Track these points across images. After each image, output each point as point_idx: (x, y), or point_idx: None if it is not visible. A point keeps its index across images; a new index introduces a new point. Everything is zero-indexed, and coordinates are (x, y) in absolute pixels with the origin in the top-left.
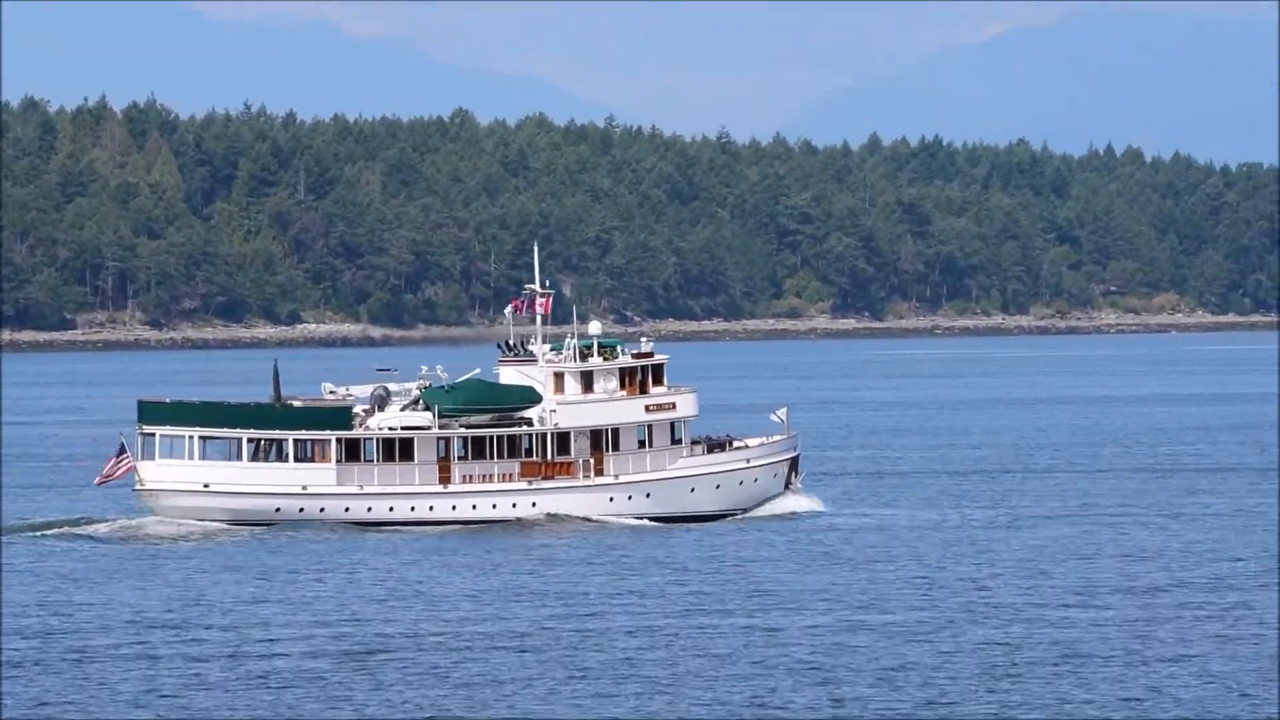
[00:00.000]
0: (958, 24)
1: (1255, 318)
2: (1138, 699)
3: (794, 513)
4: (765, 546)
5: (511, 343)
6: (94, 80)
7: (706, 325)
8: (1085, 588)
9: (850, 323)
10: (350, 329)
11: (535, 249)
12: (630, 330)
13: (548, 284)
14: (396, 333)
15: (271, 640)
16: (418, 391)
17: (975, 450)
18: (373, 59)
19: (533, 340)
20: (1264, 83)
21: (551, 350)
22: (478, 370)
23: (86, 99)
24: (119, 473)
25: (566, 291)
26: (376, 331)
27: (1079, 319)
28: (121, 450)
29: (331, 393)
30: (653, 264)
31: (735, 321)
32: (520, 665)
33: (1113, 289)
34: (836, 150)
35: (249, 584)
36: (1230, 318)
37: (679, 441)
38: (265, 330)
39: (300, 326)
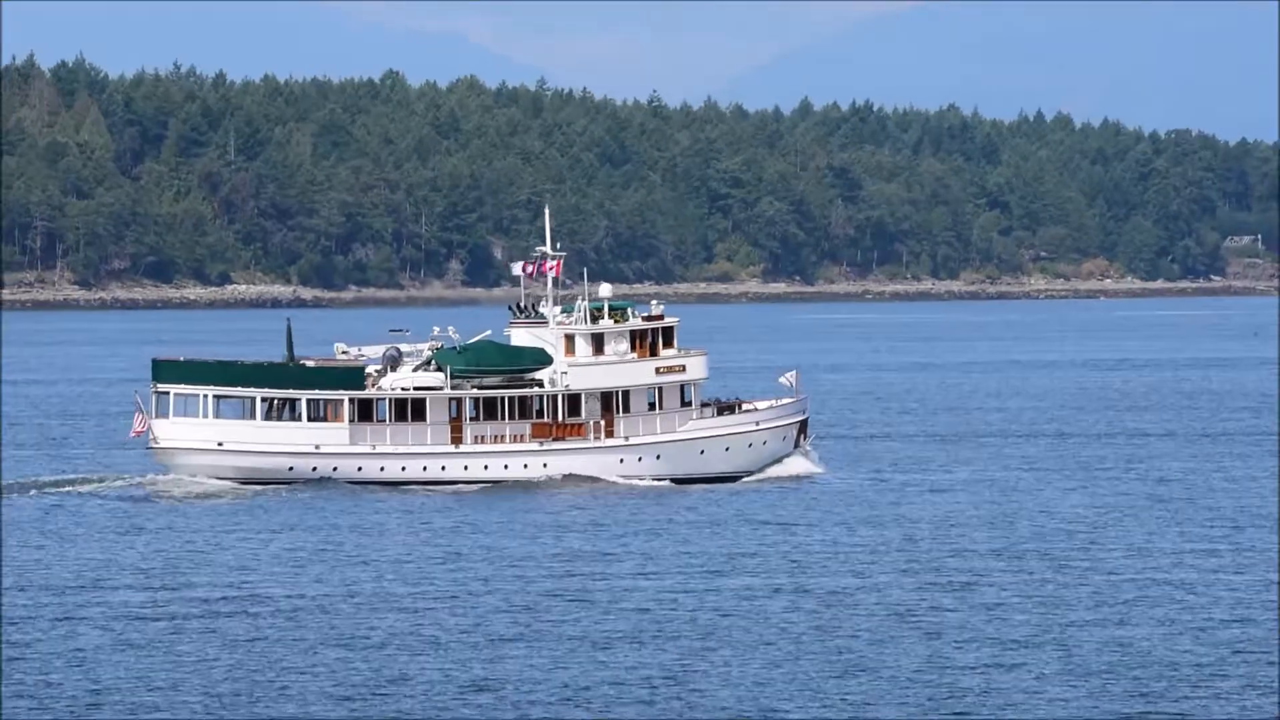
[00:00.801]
0: None
1: (1184, 284)
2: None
3: (801, 475)
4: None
5: (523, 304)
6: (22, 39)
7: (638, 289)
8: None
9: (781, 287)
10: (280, 290)
11: (547, 214)
12: (563, 293)
13: (557, 246)
14: (327, 294)
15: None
16: (429, 352)
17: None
18: (302, 18)
19: (544, 302)
20: (1191, 49)
21: (562, 312)
22: (489, 332)
23: (14, 58)
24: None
25: (497, 254)
26: (307, 293)
27: (1009, 284)
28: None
29: (344, 353)
30: (584, 227)
31: (667, 285)
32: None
33: (1043, 255)
34: (768, 115)
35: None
36: (1159, 284)
37: (689, 404)
38: (195, 291)
39: (230, 288)
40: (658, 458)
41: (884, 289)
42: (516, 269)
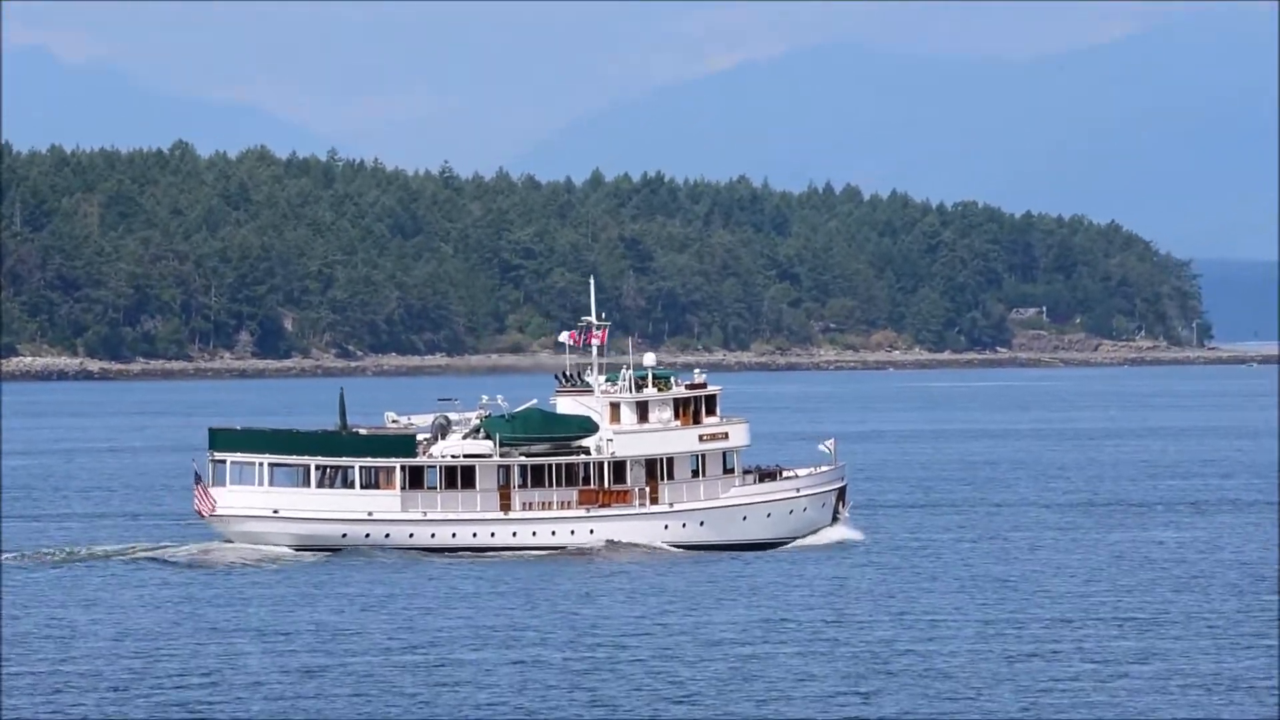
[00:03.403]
0: (685, 58)
1: (971, 355)
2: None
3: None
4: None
5: (569, 373)
6: None
7: (430, 360)
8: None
9: (573, 358)
10: (67, 362)
11: (592, 284)
12: (353, 365)
13: (603, 316)
14: (115, 366)
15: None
16: (478, 420)
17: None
18: (88, 87)
19: (589, 371)
20: (981, 121)
21: (607, 381)
22: (534, 400)
23: None
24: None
25: (288, 325)
26: (94, 365)
27: (799, 355)
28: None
29: (394, 421)
30: (375, 298)
31: (458, 356)
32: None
33: (831, 326)
34: (559, 185)
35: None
36: (947, 355)
37: (731, 470)
38: None
39: (15, 360)
40: (701, 524)
41: (675, 360)
42: (563, 337)
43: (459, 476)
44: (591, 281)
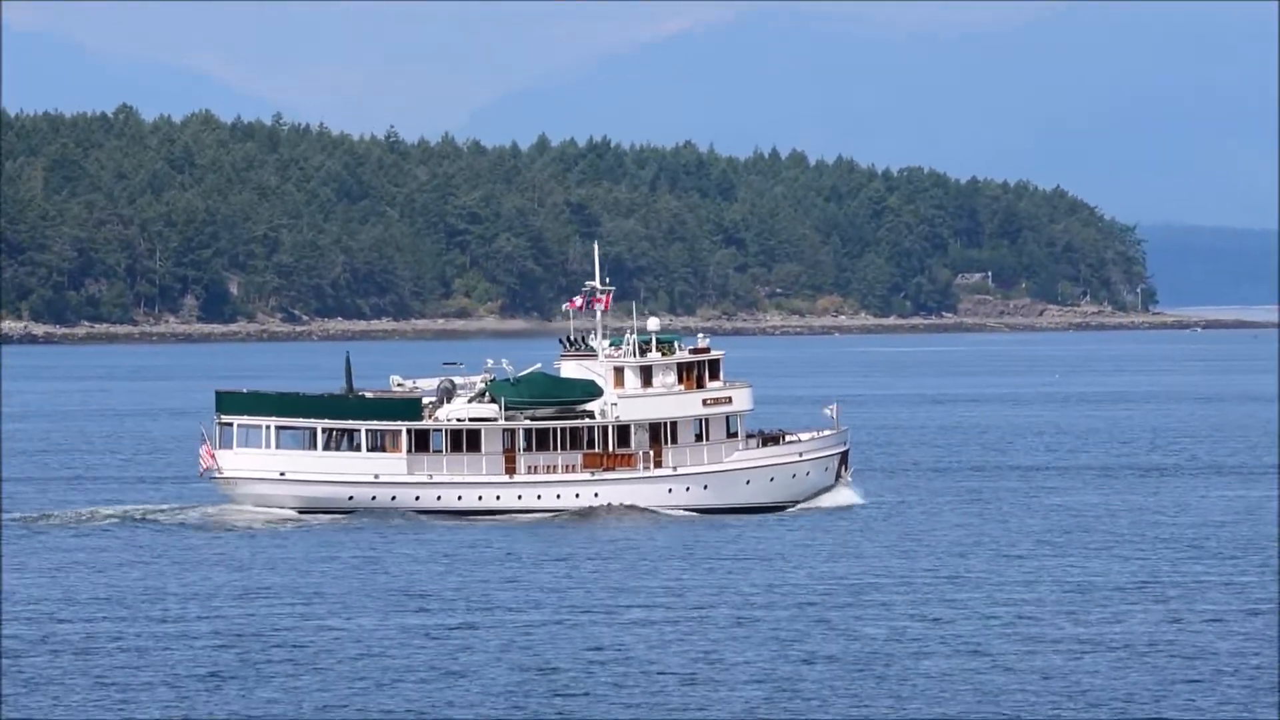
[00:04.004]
0: (629, 24)
1: (916, 320)
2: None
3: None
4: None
5: (572, 337)
6: None
7: (375, 325)
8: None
9: (519, 323)
10: (11, 326)
11: (595, 249)
12: (299, 329)
13: (607, 281)
14: (59, 330)
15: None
16: (483, 384)
17: None
18: (33, 52)
19: (593, 335)
20: (926, 88)
21: (611, 345)
22: (539, 365)
23: None
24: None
25: (233, 290)
26: (39, 329)
27: (745, 320)
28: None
29: (399, 385)
30: (321, 262)
31: (404, 321)
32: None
33: (778, 291)
34: (505, 150)
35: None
36: (893, 320)
37: (734, 435)
38: None
39: None
40: (705, 488)
41: (621, 325)
42: (570, 303)
43: (464, 440)
44: (596, 247)
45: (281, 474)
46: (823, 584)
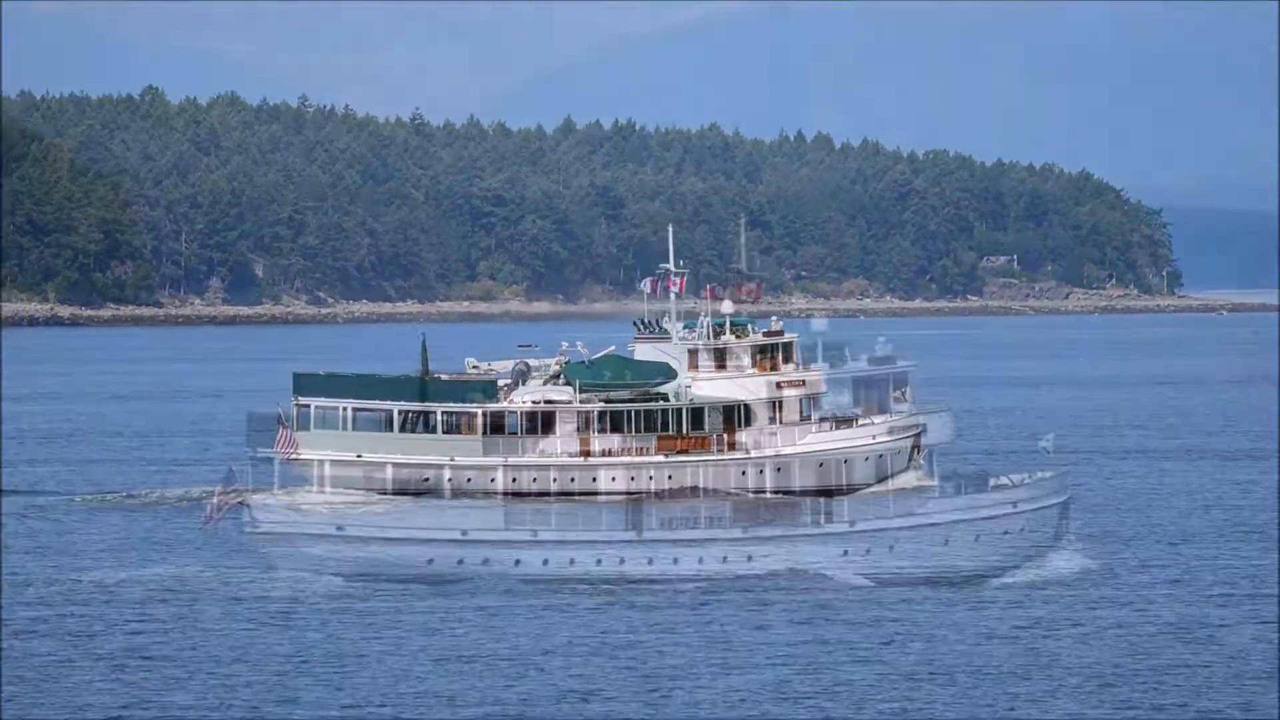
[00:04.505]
0: (654, 7)
1: (941, 303)
2: None
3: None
4: None
5: (647, 320)
6: None
7: (401, 307)
8: None
9: (544, 305)
10: (37, 308)
11: (670, 232)
12: (324, 311)
13: (680, 264)
14: (85, 312)
15: None
16: (558, 367)
17: None
18: (59, 34)
19: (667, 318)
20: (952, 72)
21: (685, 328)
22: (613, 347)
23: None
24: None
25: (259, 272)
26: (65, 311)
27: (771, 303)
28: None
29: (474, 367)
30: (346, 245)
31: (429, 304)
32: None
33: (803, 274)
34: (530, 133)
35: None
36: (918, 303)
37: (808, 418)
38: None
39: None
40: (778, 470)
41: (647, 308)
42: (644, 285)
43: (539, 422)
44: (670, 229)
45: (358, 456)
46: None
